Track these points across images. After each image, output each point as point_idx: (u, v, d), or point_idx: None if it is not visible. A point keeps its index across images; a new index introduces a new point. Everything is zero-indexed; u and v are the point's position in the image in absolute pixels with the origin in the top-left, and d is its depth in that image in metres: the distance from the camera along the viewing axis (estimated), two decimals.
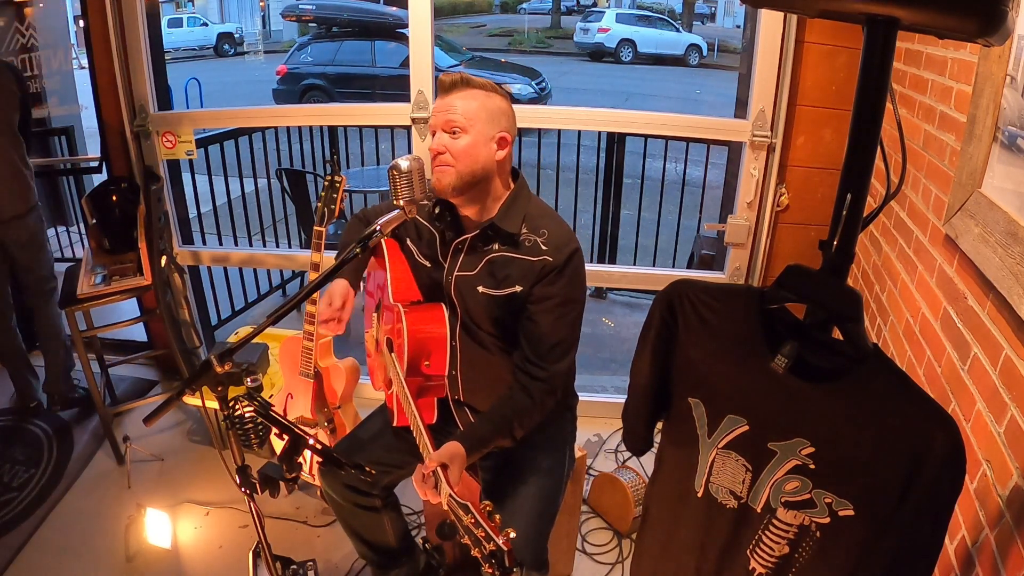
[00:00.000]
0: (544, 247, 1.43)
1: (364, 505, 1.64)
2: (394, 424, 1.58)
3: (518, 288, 1.43)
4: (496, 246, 1.46)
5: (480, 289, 1.46)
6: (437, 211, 1.51)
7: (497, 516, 1.09)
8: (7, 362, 2.74)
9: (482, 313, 1.48)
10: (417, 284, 1.57)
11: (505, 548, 1.05)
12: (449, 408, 1.61)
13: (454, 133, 1.40)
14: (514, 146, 1.49)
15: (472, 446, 1.34)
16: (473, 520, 1.09)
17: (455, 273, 1.50)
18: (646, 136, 3.70)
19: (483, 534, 1.07)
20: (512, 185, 1.50)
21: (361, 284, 1.73)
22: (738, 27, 13.96)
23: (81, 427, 2.63)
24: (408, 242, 1.59)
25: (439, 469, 1.23)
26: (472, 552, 1.09)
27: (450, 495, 1.16)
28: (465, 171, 1.40)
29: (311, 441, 1.28)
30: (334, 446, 1.74)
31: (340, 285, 1.60)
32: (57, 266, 2.77)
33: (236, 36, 15.22)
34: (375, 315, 1.73)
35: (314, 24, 11.31)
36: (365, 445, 1.66)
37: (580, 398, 1.76)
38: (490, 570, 1.06)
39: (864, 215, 0.91)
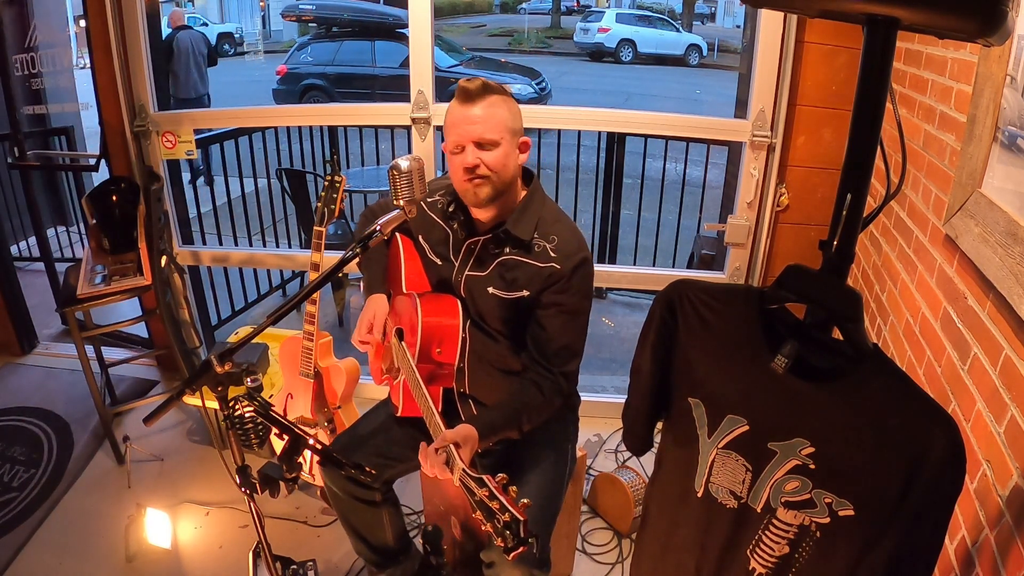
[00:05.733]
0: (553, 254, 1.44)
1: (364, 499, 1.64)
2: (398, 415, 1.59)
3: (525, 292, 1.45)
4: (508, 249, 1.48)
5: (490, 290, 1.48)
6: (451, 209, 1.52)
7: (512, 488, 1.08)
8: None
9: (492, 313, 1.50)
10: (428, 280, 1.61)
11: (521, 518, 1.04)
12: (453, 400, 1.62)
13: (485, 147, 1.39)
14: None
15: (484, 431, 1.35)
16: (488, 492, 1.08)
17: (466, 272, 1.52)
18: (646, 136, 3.69)
19: (498, 506, 1.06)
20: (526, 188, 1.51)
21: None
22: (738, 27, 13.95)
23: (81, 427, 2.63)
24: (420, 239, 1.62)
25: (452, 446, 1.22)
26: (484, 527, 1.08)
27: (463, 469, 1.16)
28: (499, 183, 1.42)
29: (311, 441, 1.28)
30: (333, 440, 1.75)
31: (381, 309, 1.61)
32: (57, 266, 2.77)
33: (236, 36, 15.21)
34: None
35: (314, 24, 11.30)
36: (365, 439, 1.67)
37: (580, 398, 1.75)
38: (501, 543, 1.05)
39: (864, 215, 0.91)
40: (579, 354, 1.52)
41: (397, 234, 1.66)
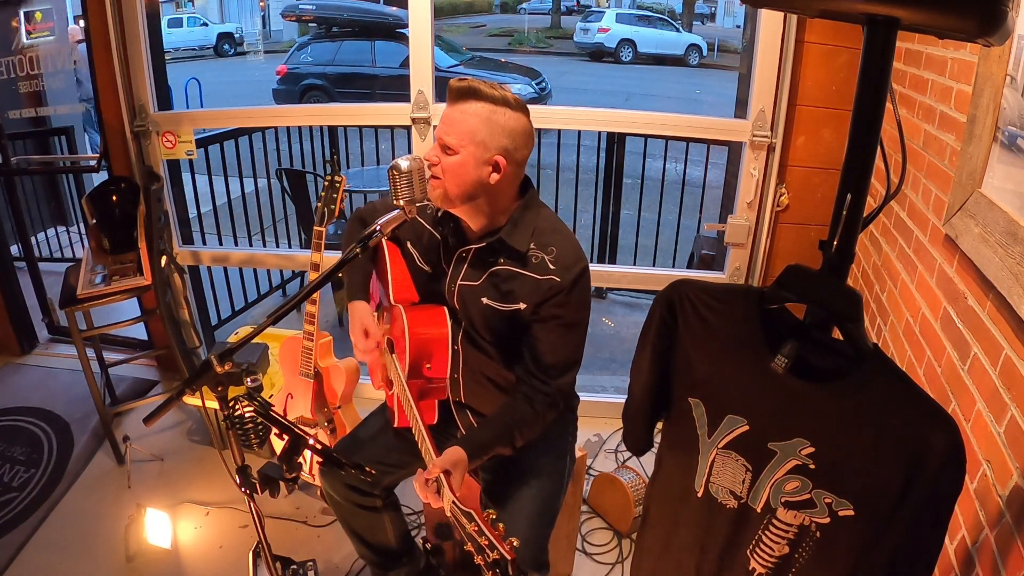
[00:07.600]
0: (552, 266, 1.39)
1: (364, 505, 1.64)
2: (395, 425, 1.58)
3: (522, 306, 1.41)
4: (501, 260, 1.43)
5: (484, 301, 1.44)
6: (440, 215, 1.50)
7: (501, 525, 1.09)
8: None
9: (484, 324, 1.47)
10: (416, 287, 1.57)
11: (509, 557, 1.05)
12: (450, 409, 1.61)
13: (446, 150, 1.36)
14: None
15: (473, 452, 1.34)
16: (476, 528, 1.09)
17: (458, 282, 1.48)
18: (646, 136, 3.69)
19: (486, 542, 1.07)
20: (520, 198, 1.46)
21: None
22: (738, 27, 13.95)
23: (81, 427, 2.63)
24: (408, 245, 1.58)
25: (442, 476, 1.22)
26: (475, 559, 1.09)
27: (453, 502, 1.16)
28: (452, 189, 1.36)
29: (311, 441, 1.28)
30: (334, 446, 1.74)
31: (366, 313, 1.57)
32: (57, 266, 2.75)
33: (236, 36, 15.19)
34: (375, 314, 1.73)
35: (314, 24, 11.31)
36: (365, 445, 1.66)
37: (580, 398, 1.75)
38: None
39: (864, 215, 0.91)
40: (576, 365, 1.48)
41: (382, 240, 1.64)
